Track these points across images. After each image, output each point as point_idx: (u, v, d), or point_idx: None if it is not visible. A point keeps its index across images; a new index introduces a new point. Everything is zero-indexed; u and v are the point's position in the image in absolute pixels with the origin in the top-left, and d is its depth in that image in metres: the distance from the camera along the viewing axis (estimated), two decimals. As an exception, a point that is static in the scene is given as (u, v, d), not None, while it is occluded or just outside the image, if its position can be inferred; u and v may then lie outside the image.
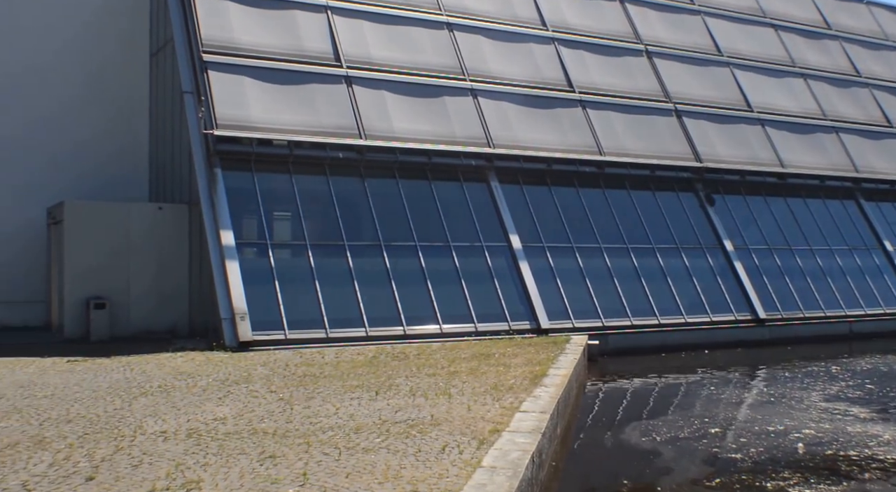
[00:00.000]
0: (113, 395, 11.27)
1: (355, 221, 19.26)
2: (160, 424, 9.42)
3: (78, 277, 18.27)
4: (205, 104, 18.55)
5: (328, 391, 11.64)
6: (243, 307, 16.61)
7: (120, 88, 22.34)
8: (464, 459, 7.96)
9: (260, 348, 16.28)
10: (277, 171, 19.00)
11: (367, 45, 21.53)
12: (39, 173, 21.22)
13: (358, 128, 19.89)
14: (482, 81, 22.55)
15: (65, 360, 14.83)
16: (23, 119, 21.26)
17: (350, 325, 17.43)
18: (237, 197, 18.21)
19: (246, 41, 20.01)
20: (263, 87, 19.55)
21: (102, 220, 18.53)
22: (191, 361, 14.76)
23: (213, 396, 11.25)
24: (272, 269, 17.66)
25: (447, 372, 13.48)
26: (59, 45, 21.74)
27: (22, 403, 10.66)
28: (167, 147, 21.12)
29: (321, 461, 7.83)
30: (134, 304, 18.57)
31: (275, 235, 18.78)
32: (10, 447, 8.23)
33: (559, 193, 22.11)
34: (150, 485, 6.99)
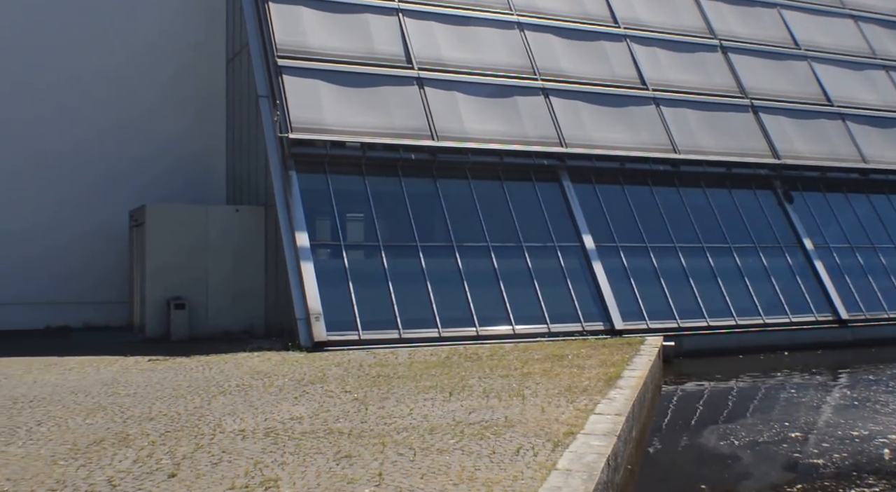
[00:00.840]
0: (193, 393, 11.51)
1: (427, 222, 19.33)
2: (238, 422, 9.59)
3: (159, 278, 18.72)
4: (280, 108, 18.84)
5: (402, 392, 11.70)
6: (318, 308, 16.82)
7: (198, 94, 22.83)
8: (538, 461, 7.92)
9: (334, 349, 16.45)
10: (351, 172, 19.20)
11: (438, 46, 21.60)
12: (121, 177, 21.80)
13: (430, 129, 19.97)
14: (554, 80, 22.43)
15: (146, 359, 15.21)
16: (105, 124, 21.86)
17: (423, 325, 17.50)
18: (311, 199, 18.44)
19: (319, 45, 20.26)
20: (336, 90, 19.77)
21: (182, 222, 18.96)
22: (267, 360, 15.00)
23: (289, 395, 11.42)
24: (346, 269, 17.84)
25: (520, 373, 13.44)
26: (139, 52, 22.31)
27: (106, 400, 10.97)
28: (243, 150, 21.50)
29: (396, 462, 7.88)
30: (212, 304, 18.95)
31: (348, 236, 18.96)
32: (96, 444, 8.47)
33: (633, 192, 21.86)
34: (230, 482, 7.13)
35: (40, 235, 21.13)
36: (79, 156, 21.59)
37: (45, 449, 8.24)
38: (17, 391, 11.68)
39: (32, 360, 15.09)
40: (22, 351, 16.28)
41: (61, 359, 15.24)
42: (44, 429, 9.18)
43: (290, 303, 17.15)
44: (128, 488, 6.94)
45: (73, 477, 7.27)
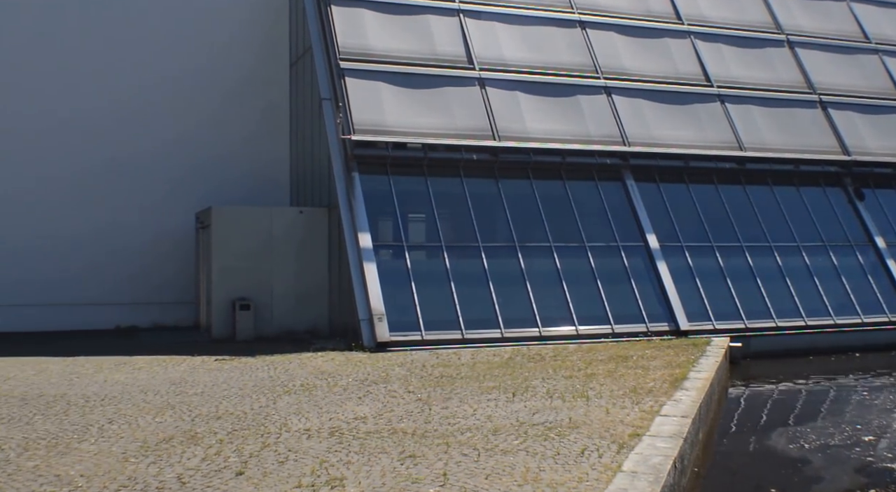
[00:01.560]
0: (259, 393, 11.66)
1: (490, 222, 19.31)
2: (304, 422, 9.68)
3: (224, 279, 19.01)
4: (342, 110, 19.00)
5: (465, 392, 11.70)
6: (381, 308, 16.90)
7: (262, 97, 23.13)
8: (603, 463, 7.85)
9: (397, 349, 16.52)
10: (413, 173, 19.26)
11: (500, 46, 21.56)
12: (187, 179, 22.20)
13: (491, 129, 19.94)
14: (616, 78, 22.21)
15: (213, 358, 15.45)
16: (172, 127, 22.27)
17: (485, 326, 17.48)
18: (374, 200, 18.55)
19: (381, 47, 20.38)
20: (398, 92, 19.86)
21: (247, 223, 19.22)
22: (331, 360, 15.13)
23: (353, 395, 11.49)
24: (408, 270, 17.90)
25: (584, 374, 13.34)
26: (203, 57, 22.68)
27: (175, 399, 11.17)
28: (307, 152, 21.73)
29: (460, 462, 7.88)
30: (276, 305, 19.17)
31: (410, 236, 19.02)
32: (166, 441, 8.62)
33: (697, 190, 21.53)
34: (297, 481, 7.19)
35: (111, 238, 21.61)
36: (147, 159, 22.02)
37: (116, 446, 8.42)
38: (88, 390, 11.96)
39: (103, 359, 15.43)
40: (93, 351, 16.66)
41: (130, 358, 15.56)
42: (115, 427, 9.37)
43: (353, 303, 17.28)
44: (197, 486, 7.05)
45: (143, 474, 7.41)
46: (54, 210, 21.24)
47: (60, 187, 21.33)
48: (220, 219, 19.13)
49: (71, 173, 21.45)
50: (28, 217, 21.04)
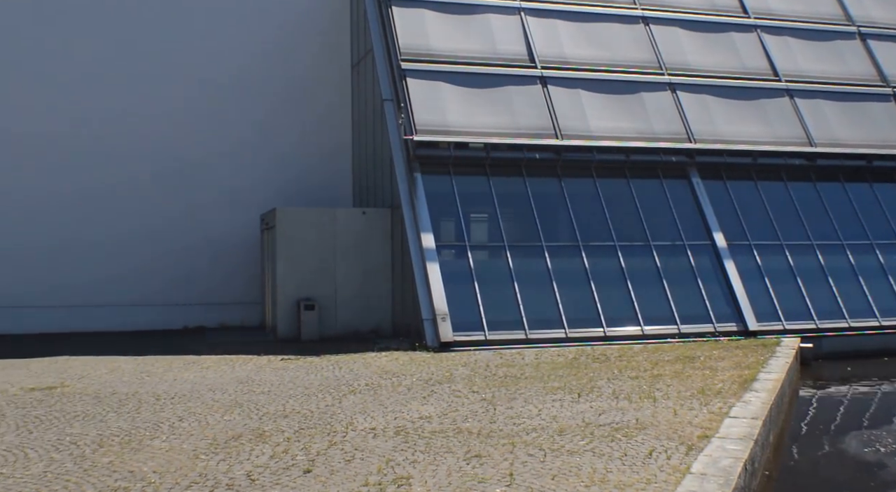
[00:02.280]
0: (324, 392, 11.75)
1: (553, 222, 19.19)
2: (369, 421, 9.72)
3: (289, 280, 19.22)
4: (404, 111, 19.06)
5: (530, 392, 11.64)
6: (444, 308, 16.91)
7: (325, 99, 23.33)
8: (672, 464, 7.74)
9: (460, 349, 16.51)
10: (475, 173, 19.24)
11: (561, 44, 21.42)
12: (252, 181, 22.50)
13: (554, 128, 19.82)
14: (681, 75, 21.90)
15: (279, 358, 15.62)
16: (237, 130, 22.58)
17: (549, 326, 17.37)
18: (436, 200, 18.57)
19: (442, 47, 20.40)
20: (459, 92, 19.86)
21: (311, 224, 19.39)
22: (395, 360, 15.18)
23: (417, 395, 11.51)
24: (471, 270, 17.88)
25: (650, 375, 13.17)
26: (267, 60, 22.94)
27: (242, 398, 11.32)
28: (369, 153, 21.85)
29: (526, 462, 7.83)
30: (340, 305, 19.32)
31: (473, 236, 19.00)
32: (234, 439, 8.74)
33: (766, 187, 21.10)
34: (363, 479, 7.22)
35: (179, 239, 22.01)
36: (215, 161, 22.36)
37: (187, 443, 8.56)
38: (159, 388, 12.19)
39: (172, 358, 15.72)
40: (162, 350, 16.99)
41: (199, 358, 15.82)
42: (185, 424, 9.53)
43: (417, 303, 17.32)
44: (266, 483, 7.13)
45: (214, 471, 7.52)
46: (125, 212, 21.70)
47: (130, 189, 21.79)
48: (285, 220, 19.34)
49: (140, 176, 21.88)
50: (100, 219, 21.53)
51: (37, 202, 21.21)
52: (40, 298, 20.93)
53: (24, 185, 21.15)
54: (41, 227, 21.15)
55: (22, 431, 9.27)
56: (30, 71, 21.36)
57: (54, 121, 21.42)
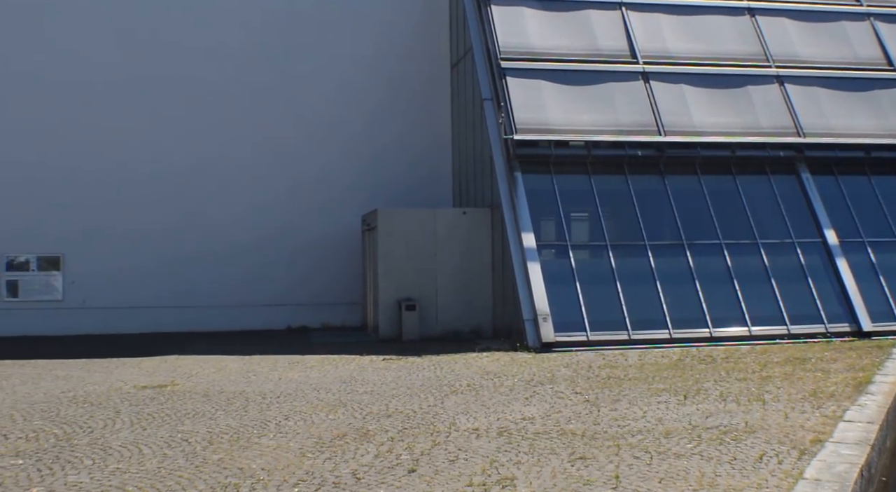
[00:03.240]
0: (426, 392, 11.80)
1: (656, 220, 18.84)
2: (472, 421, 9.72)
3: (390, 280, 19.39)
4: (504, 110, 19.01)
5: (634, 394, 11.45)
6: (545, 308, 16.80)
7: (424, 100, 23.44)
8: (783, 469, 7.51)
9: (562, 349, 16.36)
10: (575, 171, 19.04)
11: (664, 38, 21.01)
12: (353, 183, 22.77)
13: (657, 124, 19.45)
14: (789, 67, 21.18)
15: (381, 358, 15.78)
16: (338, 132, 22.87)
17: (653, 326, 17.06)
18: (536, 199, 18.46)
19: (541, 45, 20.27)
20: (559, 89, 19.70)
21: (411, 225, 19.53)
22: (496, 361, 15.15)
23: (519, 395, 11.46)
24: (572, 270, 17.71)
25: (759, 377, 12.80)
26: (366, 63, 23.18)
27: (346, 397, 11.46)
28: (468, 153, 21.88)
29: (632, 465, 7.70)
30: (441, 305, 19.39)
31: (574, 235, 18.83)
32: (339, 438, 8.85)
33: (881, 182, 20.23)
34: (468, 480, 7.21)
35: (283, 242, 22.44)
36: (316, 163, 22.71)
37: (293, 442, 8.71)
38: (265, 387, 12.45)
39: (277, 358, 16.04)
40: (267, 350, 17.35)
41: (302, 357, 16.10)
42: (291, 423, 9.70)
43: (518, 304, 17.25)
44: (371, 482, 7.19)
45: (320, 469, 7.63)
46: (232, 220, 22.24)
47: (237, 199, 22.33)
48: (386, 220, 19.52)
49: (245, 184, 22.42)
50: (212, 227, 22.11)
51: (155, 213, 21.94)
52: (152, 300, 21.67)
53: (146, 197, 21.91)
54: (157, 235, 21.88)
55: (136, 427, 9.59)
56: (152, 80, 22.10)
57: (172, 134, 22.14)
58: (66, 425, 9.73)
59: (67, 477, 7.50)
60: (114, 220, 21.78)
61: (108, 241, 21.72)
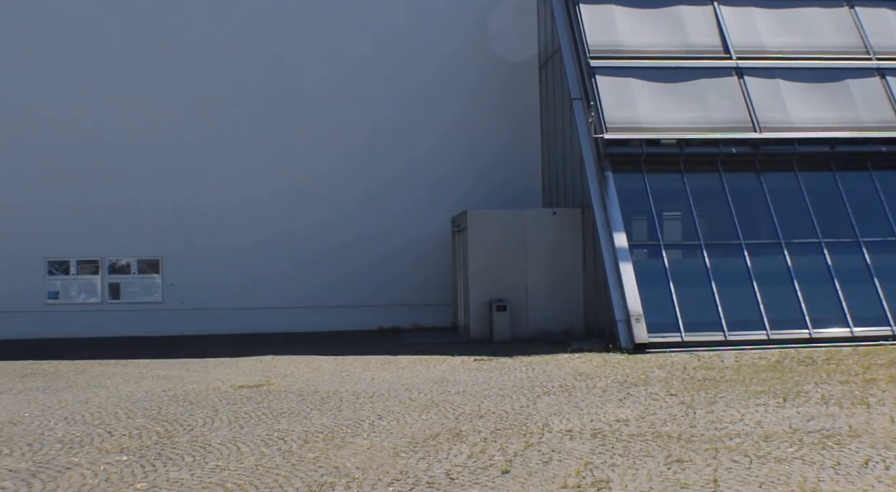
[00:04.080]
0: (518, 393, 11.76)
1: (751, 219, 18.39)
2: (565, 422, 9.64)
3: (480, 281, 19.39)
4: (593, 109, 18.83)
5: (731, 396, 11.20)
6: (638, 309, 16.57)
7: (512, 100, 23.36)
8: (891, 475, 7.26)
9: (655, 351, 16.11)
10: (667, 170, 18.74)
11: (758, 32, 20.49)
12: (442, 185, 22.86)
13: (751, 120, 18.99)
14: (891, 59, 20.41)
15: (472, 359, 15.79)
16: (427, 134, 22.97)
17: (749, 327, 16.65)
18: (628, 198, 18.23)
19: (631, 43, 20.02)
20: (650, 87, 19.42)
21: (501, 226, 19.50)
22: (588, 362, 15.01)
23: (612, 397, 11.32)
24: (665, 270, 17.43)
25: (862, 379, 12.37)
26: (455, 64, 23.23)
27: (438, 398, 11.50)
28: (558, 153, 21.75)
29: (731, 469, 7.53)
30: (532, 306, 19.30)
31: (666, 235, 18.52)
32: (432, 438, 8.88)
33: None
34: (562, 481, 7.16)
35: (374, 244, 22.66)
36: (406, 165, 22.84)
37: (387, 441, 8.78)
38: (358, 387, 12.59)
39: (369, 358, 16.21)
40: (359, 350, 17.55)
41: (394, 358, 16.23)
42: (384, 423, 9.79)
43: (610, 304, 17.06)
44: (465, 482, 7.20)
45: (414, 468, 7.67)
46: (324, 222, 22.57)
47: (330, 202, 22.66)
48: (475, 221, 19.54)
49: (336, 188, 22.72)
50: (306, 230, 22.47)
51: (251, 216, 22.42)
52: (248, 301, 22.16)
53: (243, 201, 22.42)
54: (252, 237, 22.37)
55: (234, 426, 9.81)
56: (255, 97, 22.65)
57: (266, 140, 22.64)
58: (167, 423, 10.02)
59: (169, 474, 7.72)
60: (210, 223, 22.34)
61: (204, 244, 22.30)
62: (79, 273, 22.37)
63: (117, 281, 22.46)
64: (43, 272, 22.19)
